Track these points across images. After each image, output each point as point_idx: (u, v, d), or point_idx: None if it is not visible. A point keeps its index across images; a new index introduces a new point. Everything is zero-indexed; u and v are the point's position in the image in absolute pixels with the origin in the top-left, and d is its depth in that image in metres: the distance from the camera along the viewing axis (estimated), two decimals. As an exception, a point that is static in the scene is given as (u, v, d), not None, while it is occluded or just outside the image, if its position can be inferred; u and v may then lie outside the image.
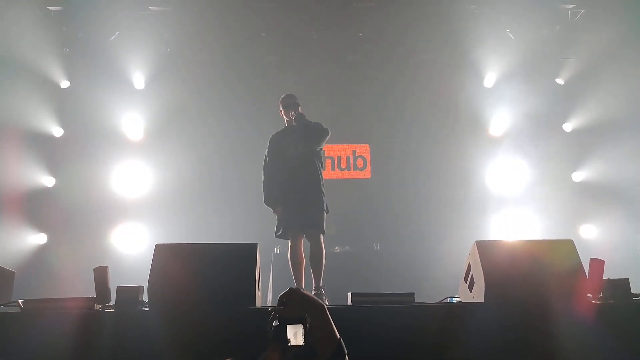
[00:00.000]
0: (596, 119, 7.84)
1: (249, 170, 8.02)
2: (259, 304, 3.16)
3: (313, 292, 4.33)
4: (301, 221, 4.58)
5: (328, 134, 4.78)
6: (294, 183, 4.64)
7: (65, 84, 7.84)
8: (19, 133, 7.03)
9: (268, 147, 4.90)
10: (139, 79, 7.98)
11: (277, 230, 4.68)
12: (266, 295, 6.31)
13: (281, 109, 4.87)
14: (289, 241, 4.62)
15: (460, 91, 8.12)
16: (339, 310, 3.27)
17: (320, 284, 4.45)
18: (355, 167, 8.48)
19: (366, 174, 8.48)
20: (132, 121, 7.92)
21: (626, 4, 6.94)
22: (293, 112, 4.73)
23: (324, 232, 4.61)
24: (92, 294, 3.11)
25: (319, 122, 4.82)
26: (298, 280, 4.49)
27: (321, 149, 4.89)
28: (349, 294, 3.40)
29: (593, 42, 7.55)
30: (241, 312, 2.89)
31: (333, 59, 8.26)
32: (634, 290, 3.17)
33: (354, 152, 8.52)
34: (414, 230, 7.66)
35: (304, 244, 4.68)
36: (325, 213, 4.65)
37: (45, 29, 7.22)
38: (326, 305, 1.46)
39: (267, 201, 4.77)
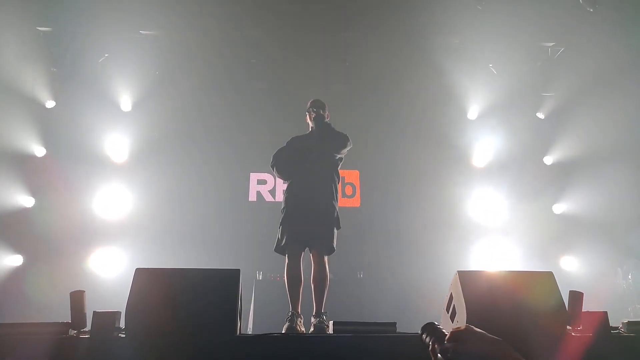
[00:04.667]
0: (576, 153, 8.04)
1: (231, 196, 8.02)
2: (239, 332, 3.11)
3: (314, 319, 3.79)
4: (307, 233, 3.97)
5: (348, 140, 4.32)
6: (304, 188, 4.13)
7: (50, 103, 7.79)
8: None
9: (284, 145, 4.43)
10: (126, 101, 7.97)
11: (279, 243, 4.03)
12: (247, 323, 6.20)
13: (306, 113, 4.47)
14: (286, 257, 3.97)
15: (445, 122, 8.27)
16: (319, 339, 3.23)
17: (322, 310, 3.82)
18: (344, 195, 8.14)
19: (355, 202, 8.21)
20: (116, 143, 7.88)
21: (602, 43, 7.21)
22: (314, 111, 4.32)
23: (331, 250, 4.00)
24: (68, 319, 3.04)
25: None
26: (295, 303, 3.84)
27: (340, 159, 4.37)
28: (331, 322, 3.38)
29: (572, 78, 7.81)
30: (222, 341, 2.84)
31: (319, 86, 8.35)
32: (612, 324, 3.20)
33: (343, 178, 8.23)
34: (398, 259, 7.64)
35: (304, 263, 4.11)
36: (336, 229, 4.06)
37: (33, 49, 7.21)
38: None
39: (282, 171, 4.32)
